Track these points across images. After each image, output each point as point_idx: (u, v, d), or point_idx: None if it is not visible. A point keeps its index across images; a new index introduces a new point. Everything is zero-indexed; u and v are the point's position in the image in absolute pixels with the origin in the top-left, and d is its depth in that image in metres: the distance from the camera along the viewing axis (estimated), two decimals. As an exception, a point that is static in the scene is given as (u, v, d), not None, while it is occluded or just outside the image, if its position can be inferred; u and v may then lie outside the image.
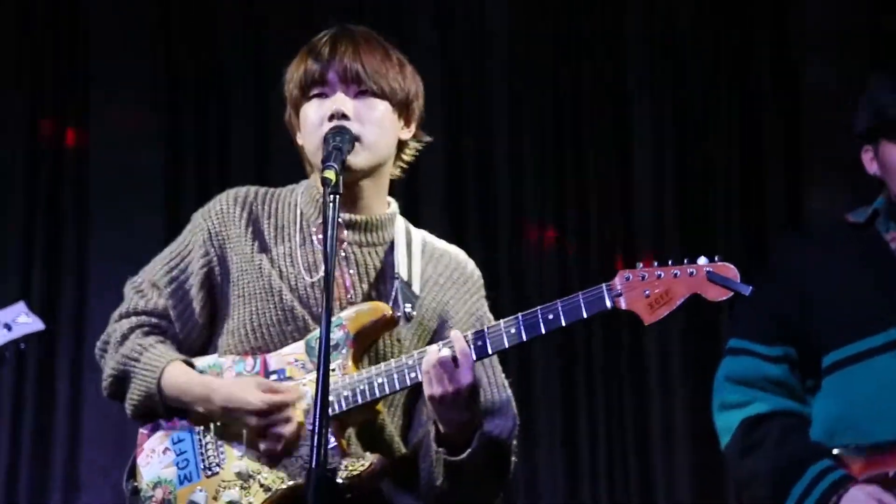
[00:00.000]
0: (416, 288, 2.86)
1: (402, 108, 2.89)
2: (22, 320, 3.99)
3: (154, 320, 2.89)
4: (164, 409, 2.83)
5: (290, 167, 5.36)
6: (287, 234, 2.89)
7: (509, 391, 2.92)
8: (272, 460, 2.75)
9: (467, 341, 2.68)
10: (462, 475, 2.73)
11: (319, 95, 2.84)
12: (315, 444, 2.35)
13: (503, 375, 2.94)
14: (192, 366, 2.84)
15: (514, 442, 2.88)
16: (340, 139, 2.73)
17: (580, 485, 5.51)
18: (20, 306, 4.05)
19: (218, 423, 2.81)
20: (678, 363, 5.56)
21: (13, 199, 5.47)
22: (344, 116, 2.80)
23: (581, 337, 5.54)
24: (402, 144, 2.93)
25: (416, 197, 5.31)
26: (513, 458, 2.87)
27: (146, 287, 2.91)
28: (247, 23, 5.63)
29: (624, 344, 5.57)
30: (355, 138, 2.78)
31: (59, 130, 5.53)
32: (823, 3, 5.67)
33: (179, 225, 5.25)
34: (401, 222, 2.96)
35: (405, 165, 2.97)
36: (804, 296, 2.96)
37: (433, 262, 2.94)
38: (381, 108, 2.85)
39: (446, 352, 2.66)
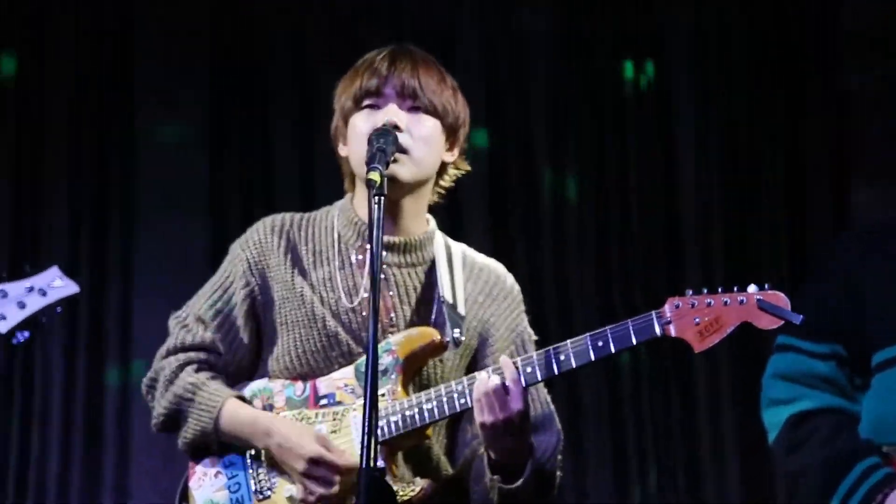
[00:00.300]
0: (461, 309, 2.86)
1: (451, 130, 2.91)
2: (57, 284, 4.03)
3: (203, 355, 2.91)
4: (218, 446, 2.87)
5: (332, 175, 5.46)
6: (325, 259, 2.90)
7: (552, 406, 2.94)
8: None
9: (517, 367, 2.68)
10: (516, 501, 2.75)
11: (372, 107, 2.86)
12: (364, 446, 2.37)
13: (545, 391, 2.95)
14: (244, 399, 2.87)
15: (559, 457, 2.90)
16: (384, 140, 2.74)
17: (629, 502, 5.48)
18: (54, 271, 4.08)
19: (271, 455, 2.84)
20: (726, 377, 5.52)
21: (58, 201, 5.53)
22: (396, 127, 2.81)
23: (628, 353, 5.51)
24: (443, 167, 2.95)
25: (458, 208, 5.32)
26: (558, 473, 2.89)
27: (191, 322, 2.93)
28: (292, 34, 5.66)
29: (671, 358, 5.53)
30: (402, 148, 2.80)
31: (105, 136, 5.57)
32: (865, 6, 5.63)
33: (223, 230, 5.46)
34: (440, 239, 2.96)
35: (443, 191, 2.98)
36: (856, 293, 2.94)
37: (473, 278, 2.94)
38: (431, 124, 2.87)
39: (496, 379, 2.67)
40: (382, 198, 2.58)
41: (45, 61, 5.57)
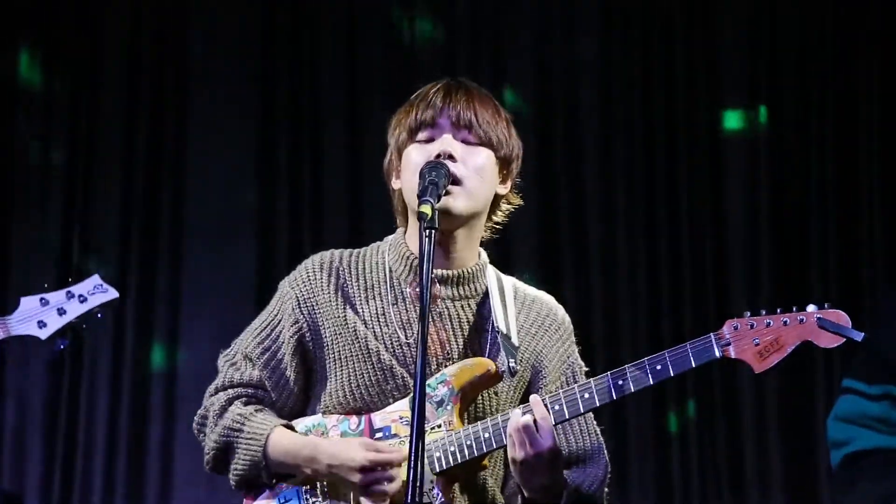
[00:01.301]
0: (514, 340, 2.85)
1: (504, 162, 2.90)
2: (97, 291, 4.05)
3: (251, 391, 2.91)
4: (268, 477, 2.84)
5: (380, 204, 5.47)
6: (377, 294, 2.89)
7: (601, 438, 2.91)
8: None
9: (546, 406, 2.68)
10: None
11: (427, 140, 2.85)
12: (410, 493, 2.36)
13: (595, 423, 2.93)
14: (293, 429, 2.86)
15: (606, 490, 2.87)
16: (436, 174, 2.73)
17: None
18: (94, 278, 4.12)
19: (325, 483, 2.81)
20: (772, 404, 5.46)
21: (108, 226, 5.57)
22: (451, 157, 2.80)
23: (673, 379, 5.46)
24: (496, 201, 2.93)
25: (508, 244, 5.32)
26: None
27: (239, 359, 2.93)
28: (343, 63, 5.67)
29: (717, 383, 5.48)
30: (454, 179, 2.78)
31: (156, 164, 5.63)
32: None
33: (270, 258, 5.48)
34: (492, 272, 2.95)
35: (497, 225, 2.97)
36: None
37: (525, 310, 2.93)
38: (486, 156, 2.86)
39: (528, 417, 2.66)
40: (434, 231, 2.57)
41: (99, 90, 5.65)
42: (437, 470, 2.72)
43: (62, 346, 4.07)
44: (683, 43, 5.66)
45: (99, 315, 4.10)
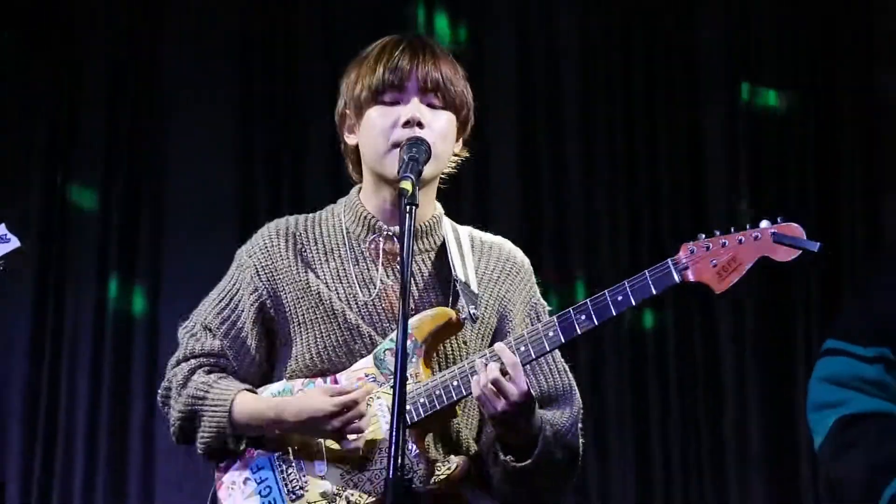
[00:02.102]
0: (474, 287, 2.86)
1: (463, 122, 2.93)
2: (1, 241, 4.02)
3: (212, 360, 2.91)
4: (235, 443, 2.83)
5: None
6: (337, 255, 2.89)
7: (570, 375, 2.92)
8: (359, 467, 2.75)
9: (512, 350, 2.68)
10: (532, 478, 2.74)
11: (392, 102, 2.85)
12: (392, 453, 2.36)
13: (563, 360, 2.93)
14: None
15: (580, 426, 2.87)
16: (417, 150, 2.75)
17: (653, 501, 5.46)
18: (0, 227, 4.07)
19: (296, 447, 2.81)
20: (753, 376, 5.49)
21: (88, 217, 5.57)
22: (419, 125, 2.81)
23: (654, 349, 5.49)
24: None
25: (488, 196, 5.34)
26: (580, 441, 2.86)
27: (199, 330, 2.94)
28: (324, 47, 5.69)
29: (698, 356, 5.51)
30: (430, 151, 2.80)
31: (136, 155, 5.62)
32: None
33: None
34: (447, 223, 2.96)
35: (445, 177, 2.98)
36: None
37: (484, 258, 2.94)
38: (448, 119, 2.88)
39: (493, 368, 2.66)
40: (415, 207, 2.59)
41: (79, 81, 5.66)
42: (409, 423, 2.71)
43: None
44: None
45: (2, 268, 4.06)
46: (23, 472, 5.37)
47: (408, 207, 2.58)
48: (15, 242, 4.02)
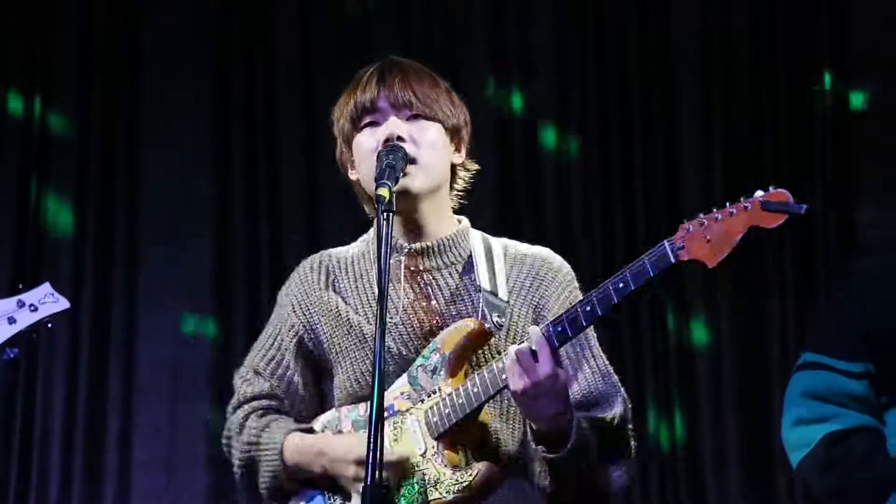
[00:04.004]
0: (502, 295, 2.84)
1: (454, 132, 2.91)
2: (48, 300, 4.03)
3: (265, 402, 2.96)
4: (291, 484, 2.87)
5: (338, 196, 5.45)
6: (365, 280, 2.91)
7: (614, 378, 2.87)
8: (396, 487, 2.75)
9: (543, 333, 2.65)
10: (566, 470, 2.70)
11: (371, 124, 2.85)
12: (370, 461, 2.39)
13: (605, 362, 2.89)
14: (312, 431, 2.89)
15: (630, 427, 2.83)
16: (393, 157, 2.74)
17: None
18: (45, 287, 4.08)
19: (337, 480, 2.84)
20: (731, 391, 5.51)
21: (62, 223, 5.54)
22: (399, 139, 2.80)
23: (631, 364, 5.49)
24: (454, 169, 2.94)
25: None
26: (632, 444, 2.82)
27: (250, 375, 2.99)
28: (299, 51, 5.67)
29: (674, 370, 5.52)
30: (410, 159, 2.79)
31: (110, 153, 5.59)
32: (874, 21, 5.61)
33: (228, 251, 5.45)
34: (477, 235, 2.94)
35: (460, 192, 2.97)
36: (887, 312, 2.90)
37: (517, 266, 2.91)
38: (434, 130, 2.86)
39: (524, 346, 2.64)
40: (391, 214, 2.59)
41: (51, 83, 5.62)
42: (436, 435, 2.72)
43: (12, 356, 4.04)
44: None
45: (49, 325, 4.08)
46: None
47: (385, 214, 2.57)
48: (64, 303, 4.06)
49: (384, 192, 2.61)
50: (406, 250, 2.87)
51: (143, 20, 5.66)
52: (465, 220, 2.96)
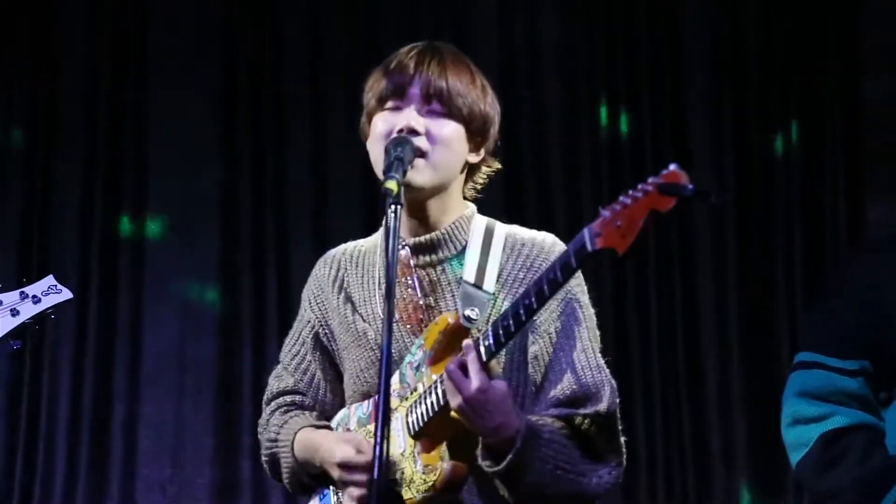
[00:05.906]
0: (488, 287, 2.77)
1: (477, 133, 2.84)
2: (50, 292, 4.06)
3: (289, 398, 2.96)
4: (309, 478, 2.88)
5: (344, 184, 5.45)
6: (370, 276, 2.89)
7: (605, 372, 2.77)
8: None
9: (474, 346, 2.58)
10: (513, 481, 2.63)
11: (394, 109, 2.80)
12: (376, 460, 2.37)
13: (595, 355, 2.79)
14: (328, 427, 2.88)
15: (618, 420, 2.74)
16: (402, 150, 2.68)
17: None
18: (48, 279, 4.10)
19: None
20: (738, 379, 5.50)
21: (70, 217, 5.54)
22: (413, 132, 2.75)
23: (638, 352, 5.49)
24: (472, 168, 2.88)
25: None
26: (621, 439, 2.74)
27: (280, 371, 3.01)
28: (308, 38, 5.66)
29: (680, 360, 5.51)
30: (421, 152, 2.73)
31: (117, 144, 5.59)
32: (886, 15, 5.60)
33: (234, 240, 5.45)
34: (480, 223, 2.87)
35: (478, 187, 2.92)
36: (881, 309, 2.88)
37: (513, 256, 2.83)
38: (453, 128, 2.79)
39: (454, 361, 2.59)
40: (399, 206, 2.54)
41: (58, 74, 5.61)
42: (412, 433, 2.67)
43: (16, 347, 4.05)
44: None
45: (53, 316, 4.10)
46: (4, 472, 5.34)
47: (392, 207, 2.53)
48: (66, 294, 4.09)
49: (392, 185, 2.56)
50: (405, 245, 2.83)
51: (149, 18, 5.65)
52: (472, 207, 2.90)
